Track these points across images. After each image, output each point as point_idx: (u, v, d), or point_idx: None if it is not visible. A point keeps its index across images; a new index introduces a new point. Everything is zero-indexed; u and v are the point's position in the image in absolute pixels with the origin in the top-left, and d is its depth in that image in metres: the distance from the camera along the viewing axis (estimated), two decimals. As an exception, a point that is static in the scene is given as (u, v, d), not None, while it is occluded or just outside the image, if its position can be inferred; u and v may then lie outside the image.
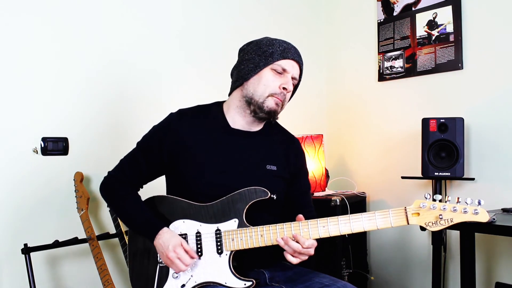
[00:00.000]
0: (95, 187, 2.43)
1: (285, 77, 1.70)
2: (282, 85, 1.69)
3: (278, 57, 1.68)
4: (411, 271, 3.11)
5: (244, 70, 1.73)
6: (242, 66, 1.74)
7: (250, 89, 1.71)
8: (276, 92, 1.69)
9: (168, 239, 1.61)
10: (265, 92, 1.69)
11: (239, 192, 1.64)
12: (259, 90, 1.69)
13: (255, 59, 1.70)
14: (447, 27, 2.88)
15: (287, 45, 1.73)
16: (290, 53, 1.71)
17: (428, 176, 2.68)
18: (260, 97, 1.69)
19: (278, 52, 1.69)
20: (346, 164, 3.48)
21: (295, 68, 1.73)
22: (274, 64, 1.69)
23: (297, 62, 1.74)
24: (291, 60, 1.71)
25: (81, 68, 2.41)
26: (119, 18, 2.56)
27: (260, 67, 1.69)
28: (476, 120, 2.76)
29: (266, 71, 1.69)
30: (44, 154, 2.27)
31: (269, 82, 1.68)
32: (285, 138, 1.88)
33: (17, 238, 2.19)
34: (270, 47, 1.70)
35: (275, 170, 1.76)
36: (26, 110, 2.24)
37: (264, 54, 1.69)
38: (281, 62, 1.69)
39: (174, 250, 1.58)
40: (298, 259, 1.57)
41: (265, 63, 1.69)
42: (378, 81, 3.28)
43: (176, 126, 1.75)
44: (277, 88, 1.69)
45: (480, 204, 1.48)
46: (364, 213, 1.55)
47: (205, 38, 2.93)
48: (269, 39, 1.75)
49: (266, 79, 1.69)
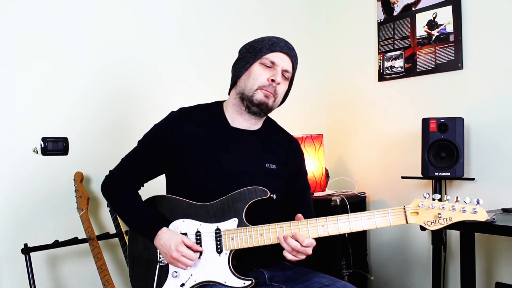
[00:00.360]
0: (95, 187, 2.43)
1: (273, 70, 1.72)
2: (271, 77, 1.71)
3: (266, 51, 1.71)
4: (411, 271, 3.10)
5: (237, 68, 1.78)
6: (236, 65, 1.80)
7: (242, 85, 1.74)
8: (265, 84, 1.71)
9: (168, 239, 1.61)
10: (254, 85, 1.71)
11: (239, 192, 1.64)
12: (249, 85, 1.72)
13: (246, 57, 1.75)
14: (447, 27, 2.88)
15: (276, 39, 1.74)
16: (278, 46, 1.73)
17: (428, 176, 2.68)
18: (249, 91, 1.72)
19: (266, 46, 1.72)
20: (346, 164, 3.48)
21: (285, 61, 1.74)
22: (263, 58, 1.71)
23: (286, 55, 1.74)
24: (279, 53, 1.72)
25: (82, 68, 2.41)
26: (119, 19, 2.55)
27: (250, 63, 1.73)
28: (476, 120, 2.75)
29: (255, 66, 1.72)
30: (44, 154, 2.27)
31: (257, 76, 1.71)
32: (284, 138, 1.89)
33: (17, 238, 2.19)
34: (259, 43, 1.74)
35: (274, 169, 1.76)
36: (26, 110, 2.24)
37: (254, 51, 1.73)
38: (269, 55, 1.71)
39: (176, 249, 1.59)
40: (296, 258, 1.58)
41: (254, 58, 1.72)
42: (378, 81, 3.27)
43: (177, 125, 1.75)
44: (266, 81, 1.71)
45: (479, 203, 1.49)
46: (363, 212, 1.56)
47: (205, 37, 2.92)
48: (262, 37, 1.78)
49: (254, 73, 1.71)
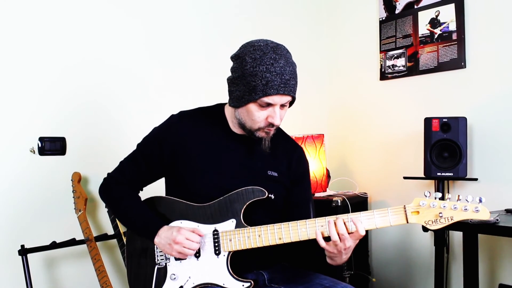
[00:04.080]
0: (93, 187, 2.42)
1: (271, 110, 1.61)
2: (268, 119, 1.62)
3: (260, 94, 1.57)
4: (413, 273, 3.09)
5: (232, 94, 1.66)
6: (231, 88, 1.67)
7: (240, 117, 1.66)
8: (264, 125, 1.64)
9: (169, 230, 1.62)
10: (253, 125, 1.64)
11: (237, 192, 1.63)
12: (248, 123, 1.65)
13: (240, 89, 1.61)
14: (450, 25, 2.86)
15: (270, 76, 1.55)
16: (273, 88, 1.57)
17: (431, 177, 2.67)
18: (250, 127, 1.65)
19: (260, 87, 1.56)
20: (347, 164, 3.47)
21: (282, 99, 1.61)
22: (257, 100, 1.59)
23: (282, 95, 1.60)
24: (274, 96, 1.59)
25: (79, 67, 2.41)
26: (118, 19, 2.55)
27: (245, 101, 1.61)
28: (479, 120, 2.74)
29: (251, 106, 1.61)
30: (41, 154, 2.26)
31: (255, 118, 1.62)
32: (288, 145, 1.85)
33: (14, 239, 2.18)
34: (252, 78, 1.57)
35: (276, 176, 1.74)
36: (23, 109, 2.24)
37: (247, 87, 1.58)
38: (264, 99, 1.58)
39: (179, 233, 1.58)
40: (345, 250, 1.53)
41: (248, 98, 1.59)
42: (380, 80, 3.26)
43: (177, 128, 1.74)
44: (264, 121, 1.63)
45: (481, 201, 1.47)
46: (362, 212, 1.54)
47: (204, 37, 2.91)
48: (253, 65, 1.57)
49: (252, 114, 1.62)
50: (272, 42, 1.62)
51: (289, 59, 1.61)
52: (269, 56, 1.56)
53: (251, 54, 1.58)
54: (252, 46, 1.60)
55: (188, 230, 1.60)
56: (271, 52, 1.57)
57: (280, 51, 1.59)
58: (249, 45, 1.62)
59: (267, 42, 1.61)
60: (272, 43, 1.62)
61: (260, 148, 1.72)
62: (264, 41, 1.62)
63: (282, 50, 1.60)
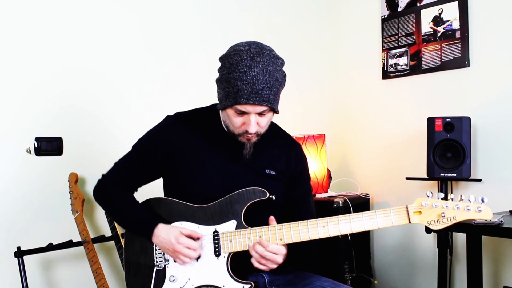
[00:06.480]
0: (91, 188, 2.39)
1: (246, 117, 1.59)
2: (244, 125, 1.61)
3: (232, 101, 1.56)
4: (416, 275, 3.08)
5: (218, 96, 1.66)
6: (218, 88, 1.65)
7: (224, 119, 1.68)
8: (242, 131, 1.62)
9: (167, 234, 1.61)
10: (234, 130, 1.64)
11: (238, 193, 1.64)
12: (230, 126, 1.65)
13: (221, 92, 1.61)
14: (453, 23, 2.85)
15: (241, 85, 1.52)
16: (243, 98, 1.53)
17: (434, 177, 2.66)
18: (233, 131, 1.65)
19: (231, 95, 1.55)
20: (349, 165, 3.46)
21: (255, 109, 1.57)
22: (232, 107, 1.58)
23: (253, 105, 1.55)
24: (245, 105, 1.56)
25: (76, 67, 2.40)
26: (117, 18, 2.54)
27: (223, 105, 1.61)
28: (483, 119, 2.73)
29: (229, 111, 1.60)
30: (37, 154, 2.24)
31: (233, 123, 1.62)
32: (286, 143, 1.84)
33: (10, 241, 2.18)
34: (227, 84, 1.55)
35: (274, 175, 1.74)
36: (19, 109, 2.23)
37: (225, 91, 1.58)
38: (237, 106, 1.57)
39: (178, 242, 1.59)
40: (264, 267, 1.56)
41: (225, 104, 1.59)
42: (382, 79, 3.25)
43: (172, 129, 1.75)
44: (241, 128, 1.62)
45: (484, 201, 1.47)
46: (364, 212, 1.54)
47: (203, 37, 2.90)
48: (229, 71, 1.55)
49: (230, 118, 1.61)
50: (257, 46, 1.56)
51: (267, 67, 1.54)
52: (244, 63, 1.52)
53: (230, 59, 1.56)
54: (234, 49, 1.57)
55: (186, 236, 1.60)
56: (248, 58, 1.53)
57: (259, 58, 1.53)
58: (233, 47, 1.59)
59: (250, 46, 1.56)
60: (257, 47, 1.56)
61: (256, 147, 1.70)
62: (249, 45, 1.56)
63: (264, 57, 1.54)
